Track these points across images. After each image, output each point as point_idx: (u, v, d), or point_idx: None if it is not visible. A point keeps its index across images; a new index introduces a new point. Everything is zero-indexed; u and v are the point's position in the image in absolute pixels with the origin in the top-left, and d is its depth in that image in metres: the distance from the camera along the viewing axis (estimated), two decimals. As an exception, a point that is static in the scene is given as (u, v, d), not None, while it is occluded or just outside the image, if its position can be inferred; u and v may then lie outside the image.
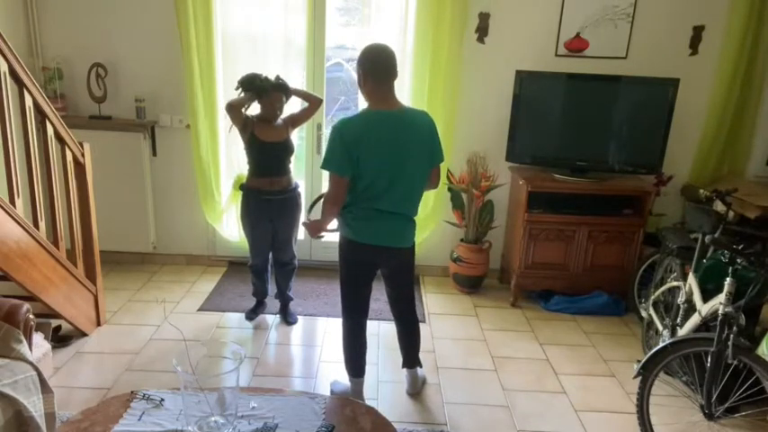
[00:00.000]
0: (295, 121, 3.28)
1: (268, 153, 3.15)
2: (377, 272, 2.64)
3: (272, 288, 3.55)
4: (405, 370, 2.87)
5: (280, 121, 3.21)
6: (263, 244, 3.32)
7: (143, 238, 4.11)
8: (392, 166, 2.37)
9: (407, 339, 2.82)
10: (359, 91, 2.50)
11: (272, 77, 3.11)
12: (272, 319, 3.55)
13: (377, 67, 2.37)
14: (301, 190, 3.39)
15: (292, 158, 3.26)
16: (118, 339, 3.21)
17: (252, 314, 3.52)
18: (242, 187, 3.26)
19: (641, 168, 3.83)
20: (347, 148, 2.32)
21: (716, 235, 2.78)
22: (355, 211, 2.45)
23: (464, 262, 3.97)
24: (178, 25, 3.63)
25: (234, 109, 3.07)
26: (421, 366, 2.92)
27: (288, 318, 3.53)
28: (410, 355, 2.84)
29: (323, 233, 2.57)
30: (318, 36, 3.83)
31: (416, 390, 2.86)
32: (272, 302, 3.58)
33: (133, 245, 4.14)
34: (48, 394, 2.16)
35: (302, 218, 2.69)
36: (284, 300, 3.54)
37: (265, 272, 3.45)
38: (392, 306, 2.79)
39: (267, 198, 3.17)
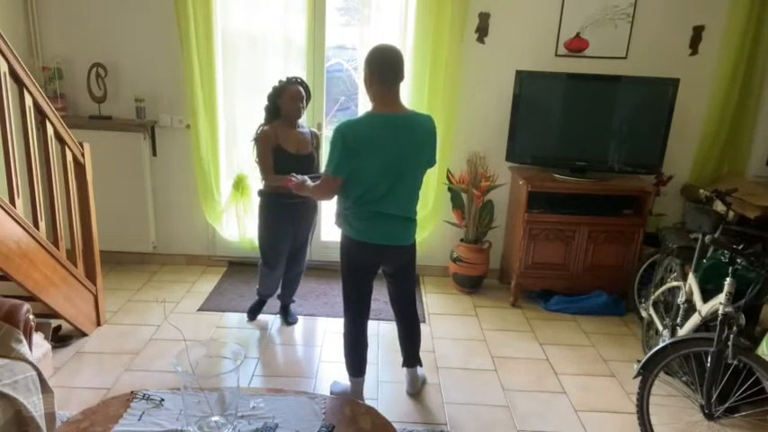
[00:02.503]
0: (316, 147, 3.23)
1: (294, 164, 3.01)
2: (378, 271, 2.65)
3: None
4: (405, 369, 2.87)
5: (305, 128, 3.17)
6: (285, 246, 3.26)
7: (143, 238, 4.11)
8: (394, 169, 2.37)
9: (408, 338, 2.82)
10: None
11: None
12: (272, 319, 3.55)
13: (385, 68, 2.34)
14: None
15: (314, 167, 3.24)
16: (118, 339, 3.21)
17: (252, 314, 3.52)
18: (260, 193, 3.19)
19: (641, 168, 3.83)
20: (347, 151, 2.32)
21: (716, 235, 2.78)
22: (358, 212, 2.45)
23: (464, 262, 3.97)
24: (178, 25, 3.63)
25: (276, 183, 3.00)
26: (421, 365, 2.92)
27: (288, 318, 3.53)
28: (410, 353, 2.84)
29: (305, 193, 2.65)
30: (318, 36, 3.82)
31: (416, 389, 2.86)
32: (272, 302, 3.57)
33: (133, 245, 4.14)
34: (48, 394, 2.16)
35: (295, 177, 2.64)
36: (286, 301, 3.55)
37: (281, 275, 3.40)
38: (393, 304, 2.80)
39: (290, 201, 3.09)
